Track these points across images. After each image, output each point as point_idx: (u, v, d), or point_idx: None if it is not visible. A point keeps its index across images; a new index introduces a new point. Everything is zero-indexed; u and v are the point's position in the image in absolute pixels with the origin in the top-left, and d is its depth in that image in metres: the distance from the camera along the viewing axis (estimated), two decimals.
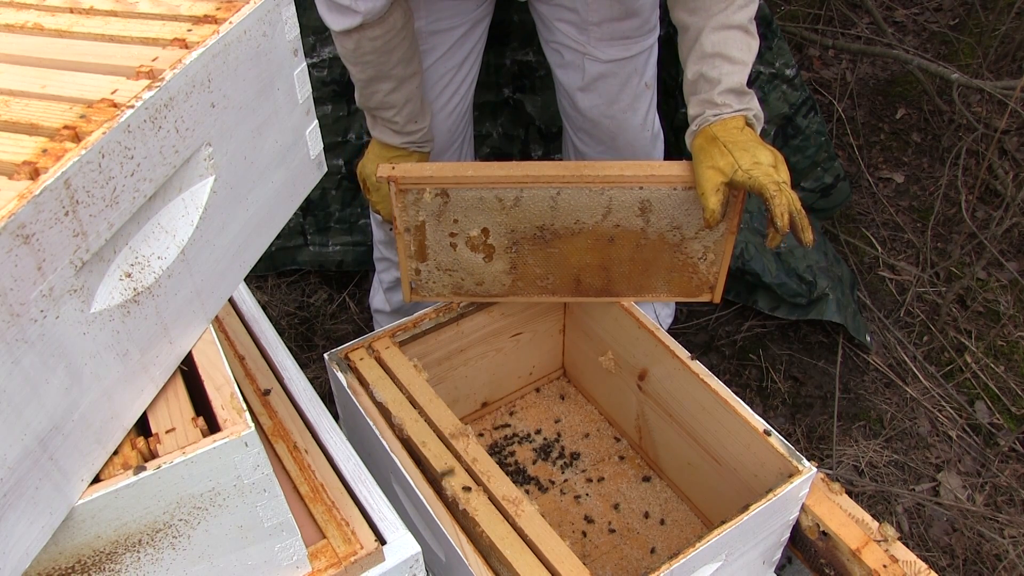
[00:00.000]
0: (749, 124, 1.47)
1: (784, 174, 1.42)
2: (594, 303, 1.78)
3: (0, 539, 0.78)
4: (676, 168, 1.54)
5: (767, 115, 2.45)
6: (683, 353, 1.63)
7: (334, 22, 1.51)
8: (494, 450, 1.97)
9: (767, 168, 1.40)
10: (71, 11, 1.03)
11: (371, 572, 1.11)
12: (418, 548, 1.14)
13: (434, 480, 1.42)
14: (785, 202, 1.37)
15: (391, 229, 2.08)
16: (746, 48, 1.45)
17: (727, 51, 1.44)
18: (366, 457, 1.29)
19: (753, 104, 1.47)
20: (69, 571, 0.91)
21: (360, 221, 2.53)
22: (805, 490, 1.43)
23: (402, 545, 1.14)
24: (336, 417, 1.53)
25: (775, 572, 1.62)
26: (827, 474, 2.02)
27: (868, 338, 2.48)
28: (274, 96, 1.07)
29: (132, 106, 0.85)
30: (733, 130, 1.44)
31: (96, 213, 0.82)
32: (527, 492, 1.87)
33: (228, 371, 1.00)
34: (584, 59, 1.77)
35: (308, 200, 2.44)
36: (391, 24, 1.53)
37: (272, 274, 2.67)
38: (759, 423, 1.49)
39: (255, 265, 1.15)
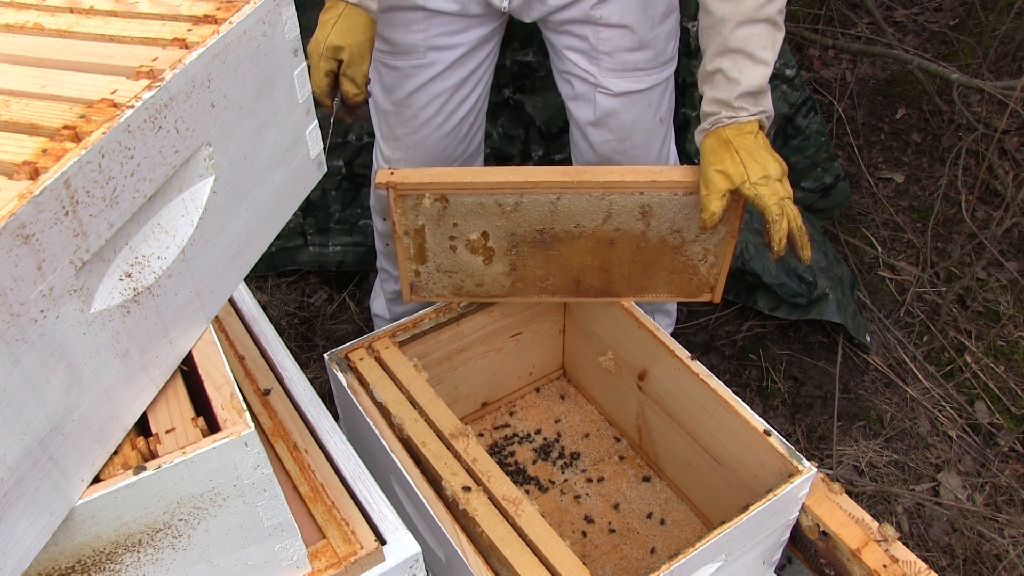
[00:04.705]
0: (761, 127, 1.45)
1: (789, 187, 1.42)
2: (594, 303, 1.78)
3: (0, 539, 0.78)
4: (677, 173, 1.54)
5: None
6: (683, 353, 1.63)
7: None
8: (494, 450, 1.97)
9: (775, 184, 1.39)
10: (71, 11, 1.03)
11: (371, 572, 1.11)
12: (418, 548, 1.14)
13: (434, 480, 1.42)
14: (785, 227, 1.39)
15: (387, 245, 2.08)
16: (771, 44, 1.42)
17: (751, 48, 1.40)
18: (366, 457, 1.29)
19: (767, 104, 1.46)
20: (69, 571, 0.91)
21: (360, 221, 2.53)
22: (805, 490, 1.43)
23: (402, 545, 1.14)
24: (336, 417, 1.53)
25: (775, 572, 1.62)
26: (827, 474, 2.02)
27: (868, 338, 2.48)
28: (274, 96, 1.07)
29: (132, 106, 0.85)
30: (747, 135, 1.42)
31: (96, 213, 0.82)
32: (527, 492, 1.87)
33: (228, 371, 1.00)
34: (595, 91, 1.72)
35: (308, 200, 2.44)
36: None
37: (272, 274, 2.67)
38: (759, 423, 1.49)
39: (255, 265, 1.14)
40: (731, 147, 1.42)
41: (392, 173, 1.56)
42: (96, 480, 0.89)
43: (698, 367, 1.60)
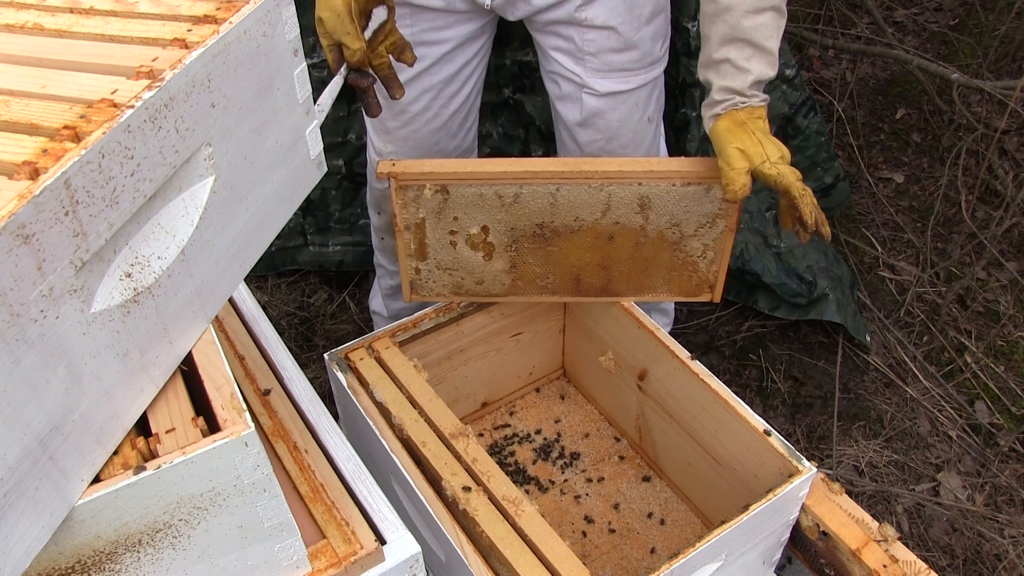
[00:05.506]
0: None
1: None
2: (594, 303, 1.78)
3: (0, 539, 0.78)
4: (675, 164, 1.54)
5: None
6: (683, 353, 1.63)
7: None
8: (494, 450, 1.96)
9: (790, 165, 1.41)
10: (71, 11, 1.03)
11: (371, 572, 1.11)
12: (418, 548, 1.14)
13: (434, 480, 1.42)
14: (811, 201, 1.39)
15: (382, 240, 2.08)
16: (776, 32, 1.42)
17: (759, 39, 1.40)
18: (366, 457, 1.29)
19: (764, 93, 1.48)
20: (69, 571, 0.91)
21: (360, 221, 2.53)
22: (805, 490, 1.43)
23: (402, 545, 1.14)
24: (336, 417, 1.53)
25: (775, 572, 1.62)
26: (827, 474, 2.01)
27: (868, 338, 2.48)
28: (274, 96, 1.07)
29: (132, 106, 0.85)
30: (758, 120, 1.44)
31: (96, 213, 0.82)
32: (527, 492, 1.87)
33: (228, 371, 1.00)
34: (582, 91, 1.73)
35: (308, 200, 2.43)
36: None
37: (272, 274, 2.67)
38: (759, 423, 1.49)
39: (255, 265, 1.14)
40: (747, 128, 1.43)
41: (394, 164, 1.57)
42: (96, 480, 0.89)
43: (698, 367, 1.60)
